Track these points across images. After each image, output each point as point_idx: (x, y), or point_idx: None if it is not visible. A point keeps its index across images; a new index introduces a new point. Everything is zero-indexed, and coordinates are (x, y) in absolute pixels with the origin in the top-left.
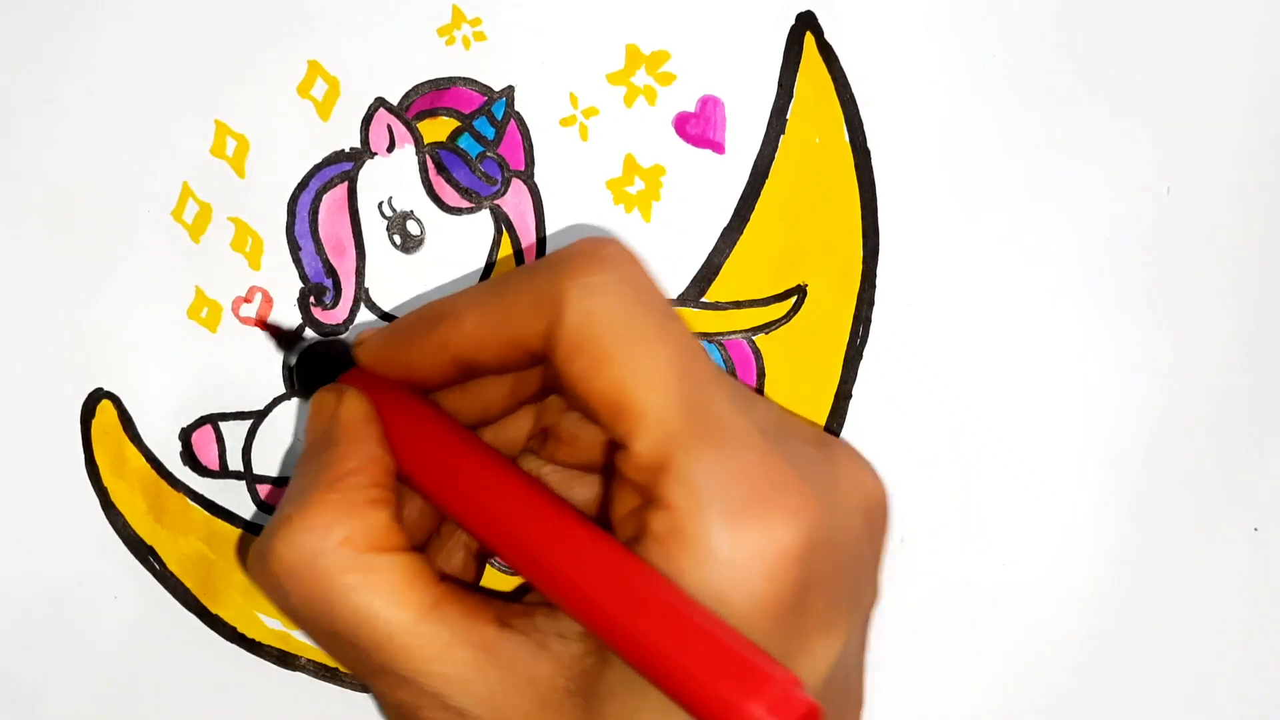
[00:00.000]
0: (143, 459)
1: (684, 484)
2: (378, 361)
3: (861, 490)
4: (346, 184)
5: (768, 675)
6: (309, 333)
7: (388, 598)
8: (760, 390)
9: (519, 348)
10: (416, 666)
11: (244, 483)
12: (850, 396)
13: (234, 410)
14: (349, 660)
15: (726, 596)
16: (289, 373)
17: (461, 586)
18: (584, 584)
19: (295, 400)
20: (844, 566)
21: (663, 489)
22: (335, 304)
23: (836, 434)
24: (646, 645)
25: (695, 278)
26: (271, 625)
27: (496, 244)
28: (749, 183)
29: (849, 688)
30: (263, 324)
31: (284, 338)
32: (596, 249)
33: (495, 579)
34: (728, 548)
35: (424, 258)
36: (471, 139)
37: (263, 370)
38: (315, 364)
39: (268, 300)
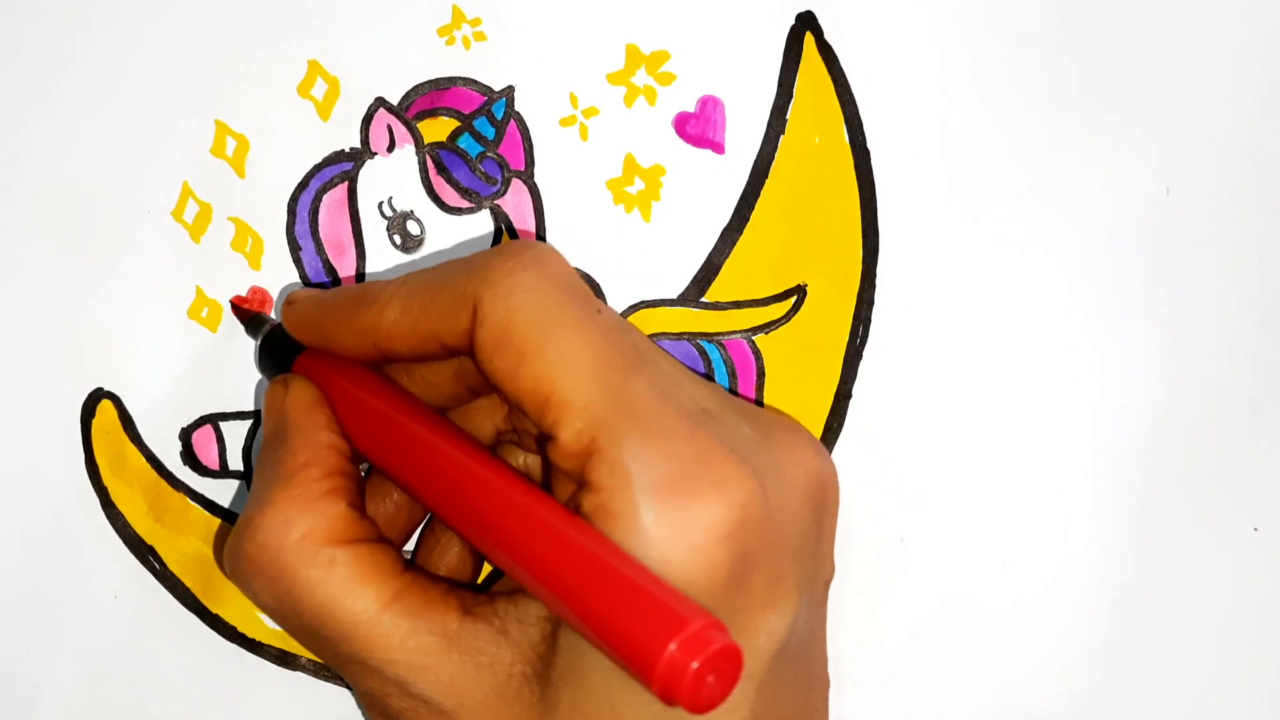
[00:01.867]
0: (143, 459)
1: (610, 464)
2: (301, 330)
3: (804, 469)
4: (346, 184)
5: (685, 618)
6: (274, 314)
7: (349, 590)
8: (760, 390)
9: (437, 342)
10: (380, 656)
11: (244, 482)
12: (850, 396)
13: (234, 410)
14: (320, 651)
15: (656, 572)
16: (257, 355)
17: (426, 576)
18: (514, 538)
19: None
20: (786, 543)
21: (590, 472)
22: None
23: (837, 434)
24: (574, 596)
25: (695, 278)
26: (271, 625)
27: (496, 244)
28: (749, 183)
29: (808, 665)
30: (233, 304)
31: (251, 320)
32: (518, 250)
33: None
34: (654, 524)
35: (424, 258)
36: (471, 139)
37: None
38: (279, 345)
39: (267, 299)
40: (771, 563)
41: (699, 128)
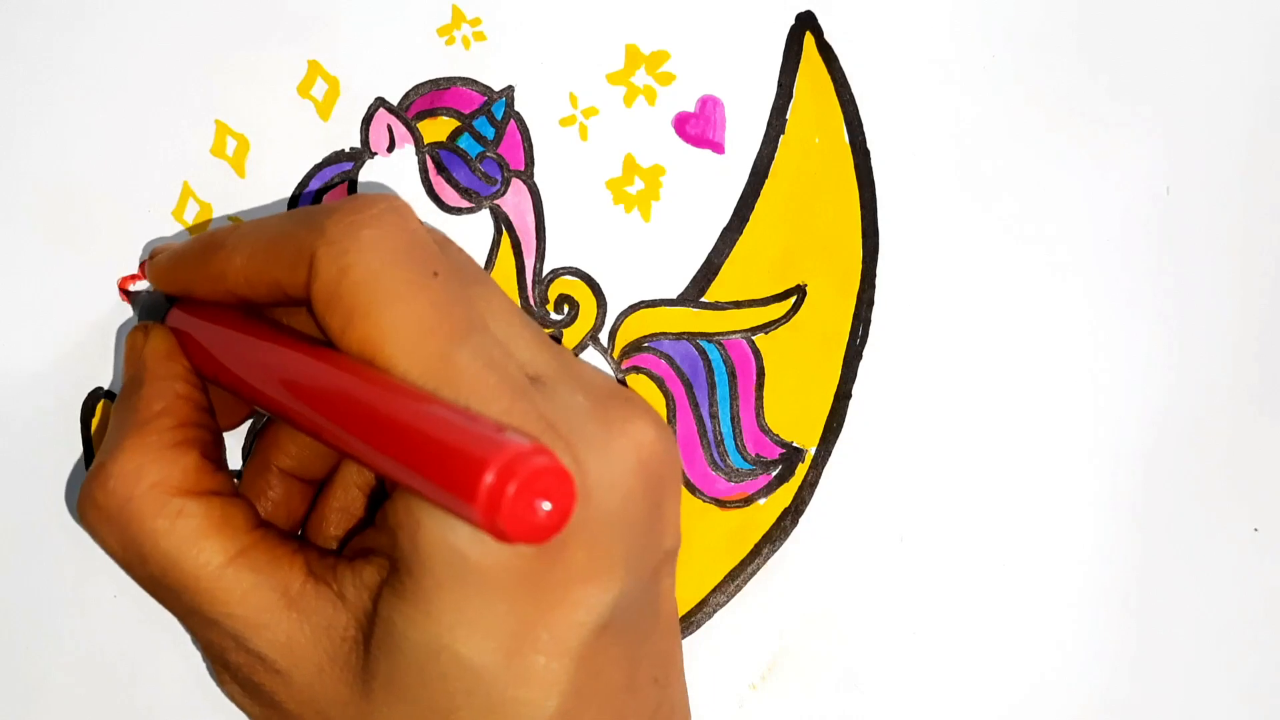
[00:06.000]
0: None
1: None
2: (162, 281)
3: (634, 441)
4: (347, 184)
5: (501, 443)
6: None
7: (195, 542)
8: (760, 390)
9: (281, 291)
10: (219, 610)
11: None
12: (850, 396)
13: None
14: (165, 601)
15: (460, 550)
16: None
17: (277, 534)
18: (345, 412)
19: None
20: (609, 517)
21: None
22: None
23: (837, 434)
24: (396, 446)
25: (695, 278)
26: None
27: (496, 244)
28: (748, 183)
29: (639, 640)
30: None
31: (132, 297)
32: (360, 205)
33: None
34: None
35: None
36: (471, 139)
37: None
38: (154, 306)
39: None
40: (591, 537)
41: (699, 128)
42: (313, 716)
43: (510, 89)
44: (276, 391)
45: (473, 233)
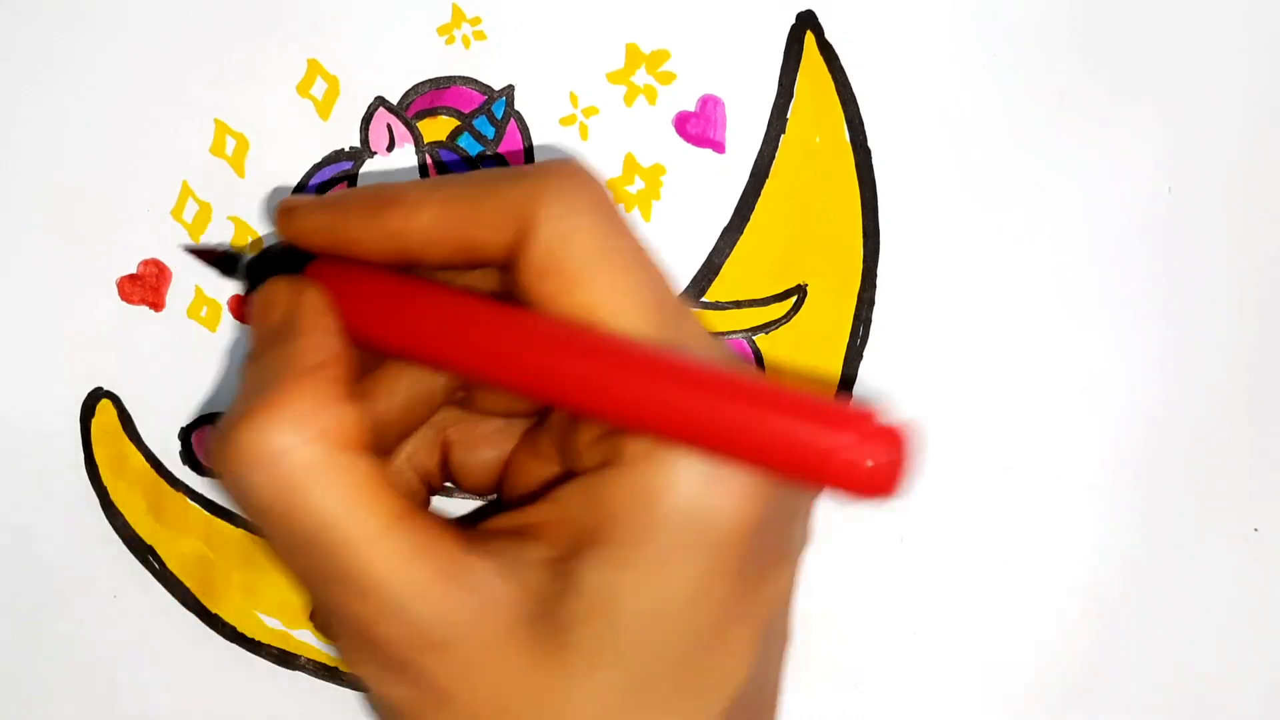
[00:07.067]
0: (142, 458)
1: None
2: (308, 232)
3: None
4: (346, 183)
5: (848, 412)
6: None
7: (356, 502)
8: None
9: (471, 253)
10: (379, 577)
11: None
12: (850, 397)
13: None
14: (302, 565)
15: (700, 519)
16: (248, 284)
17: (422, 505)
18: (632, 386)
19: None
20: (789, 505)
21: None
22: None
23: None
24: (725, 415)
25: (695, 278)
26: (271, 625)
27: None
28: (749, 182)
29: (785, 619)
30: (194, 251)
31: (220, 257)
32: (573, 170)
33: None
34: (703, 472)
35: None
36: (471, 138)
37: None
38: (272, 265)
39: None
40: (781, 521)
41: (699, 127)
42: (472, 693)
43: (510, 88)
44: (489, 355)
45: None
